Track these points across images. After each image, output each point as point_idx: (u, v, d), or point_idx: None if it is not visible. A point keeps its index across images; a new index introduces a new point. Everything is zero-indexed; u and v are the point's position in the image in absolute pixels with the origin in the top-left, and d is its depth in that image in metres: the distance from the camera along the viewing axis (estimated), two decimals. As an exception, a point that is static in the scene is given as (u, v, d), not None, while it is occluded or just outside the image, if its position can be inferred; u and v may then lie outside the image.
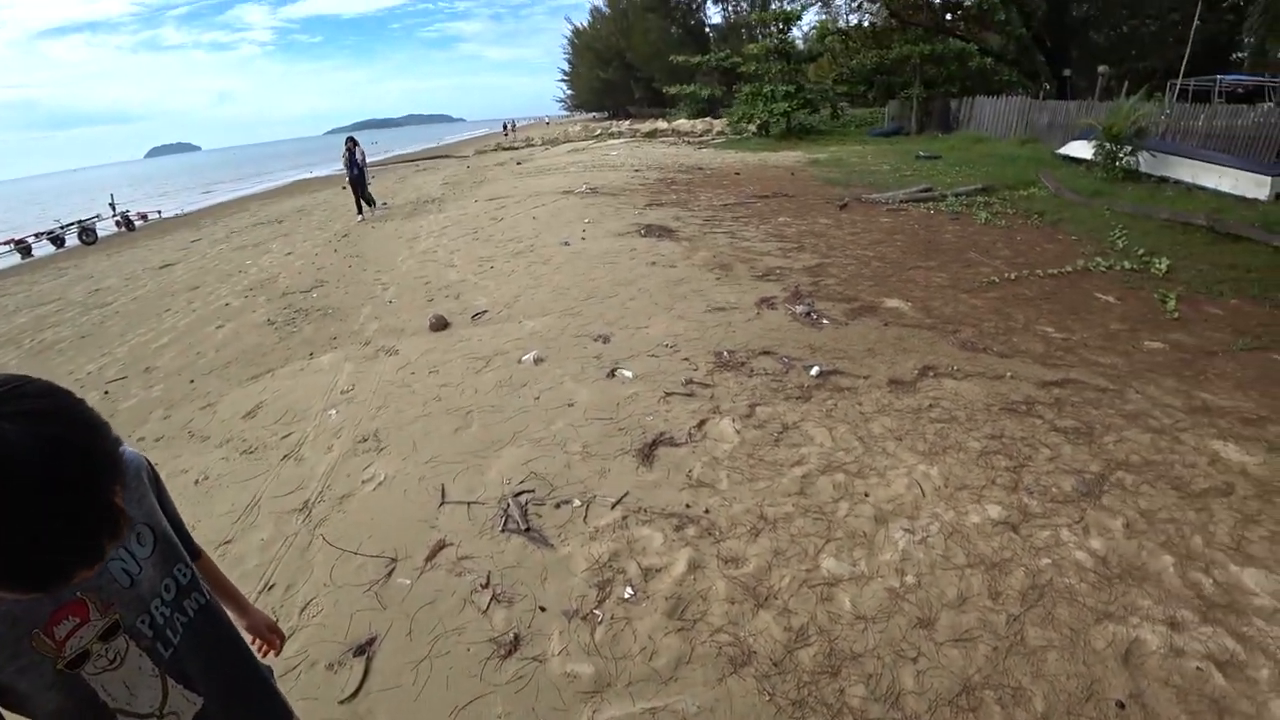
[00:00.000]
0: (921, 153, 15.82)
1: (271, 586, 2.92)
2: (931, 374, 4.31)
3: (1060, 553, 2.71)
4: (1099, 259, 6.67)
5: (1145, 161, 10.74)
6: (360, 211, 14.12)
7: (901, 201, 10.35)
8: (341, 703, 2.32)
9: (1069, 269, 6.46)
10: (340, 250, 10.76)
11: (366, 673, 2.43)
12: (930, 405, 3.91)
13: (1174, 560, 2.63)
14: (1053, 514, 2.94)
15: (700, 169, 16.41)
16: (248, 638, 1.39)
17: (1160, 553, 2.68)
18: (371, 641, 2.55)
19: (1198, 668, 2.19)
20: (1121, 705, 2.10)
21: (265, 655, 1.47)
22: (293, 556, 3.09)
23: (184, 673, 1.11)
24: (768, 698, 2.19)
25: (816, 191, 12.02)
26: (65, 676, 0.95)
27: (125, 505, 0.85)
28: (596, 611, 2.56)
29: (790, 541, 2.85)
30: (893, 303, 5.78)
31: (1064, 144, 13.48)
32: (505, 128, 55.46)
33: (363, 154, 13.83)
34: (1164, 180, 10.37)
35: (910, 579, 2.63)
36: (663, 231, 9.07)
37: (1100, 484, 3.12)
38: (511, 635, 2.49)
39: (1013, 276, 6.29)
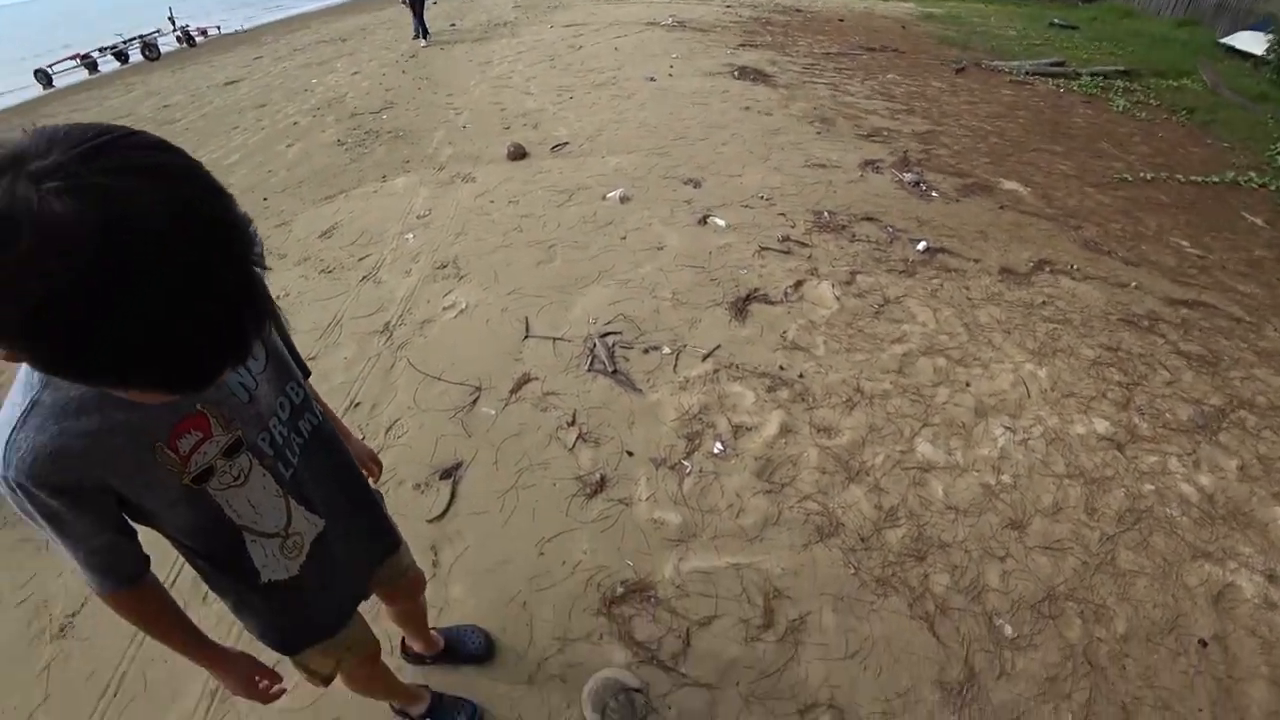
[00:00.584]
0: (1056, 20, 13.97)
1: (357, 404, 2.95)
2: (1048, 269, 3.99)
3: (1165, 481, 2.58)
4: (1253, 174, 5.93)
5: (1327, 65, 9.25)
6: (417, 35, 12.81)
7: (1028, 74, 9.28)
8: (429, 522, 2.38)
9: (1215, 179, 5.78)
10: (409, 72, 10.18)
11: (453, 496, 2.48)
12: (1044, 302, 3.64)
13: (1288, 511, 2.48)
14: (1163, 440, 2.77)
15: (799, 11, 14.85)
16: None
17: (1273, 503, 2.52)
18: (458, 467, 2.58)
19: (1291, 622, 2.10)
20: (1204, 644, 2.05)
21: None
22: (376, 377, 3.11)
23: (304, 494, 1.09)
24: (852, 571, 2.19)
25: (930, 50, 10.83)
26: (191, 491, 0.92)
27: None
28: (685, 462, 2.54)
29: (886, 420, 2.75)
30: (1010, 184, 5.29)
31: (1231, 32, 11.73)
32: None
33: None
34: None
35: (1006, 478, 2.55)
36: (758, 75, 8.34)
37: (1220, 419, 2.91)
38: (598, 476, 2.50)
39: (1148, 177, 5.67)
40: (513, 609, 2.10)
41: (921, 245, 4.10)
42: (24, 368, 0.78)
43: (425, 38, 12.74)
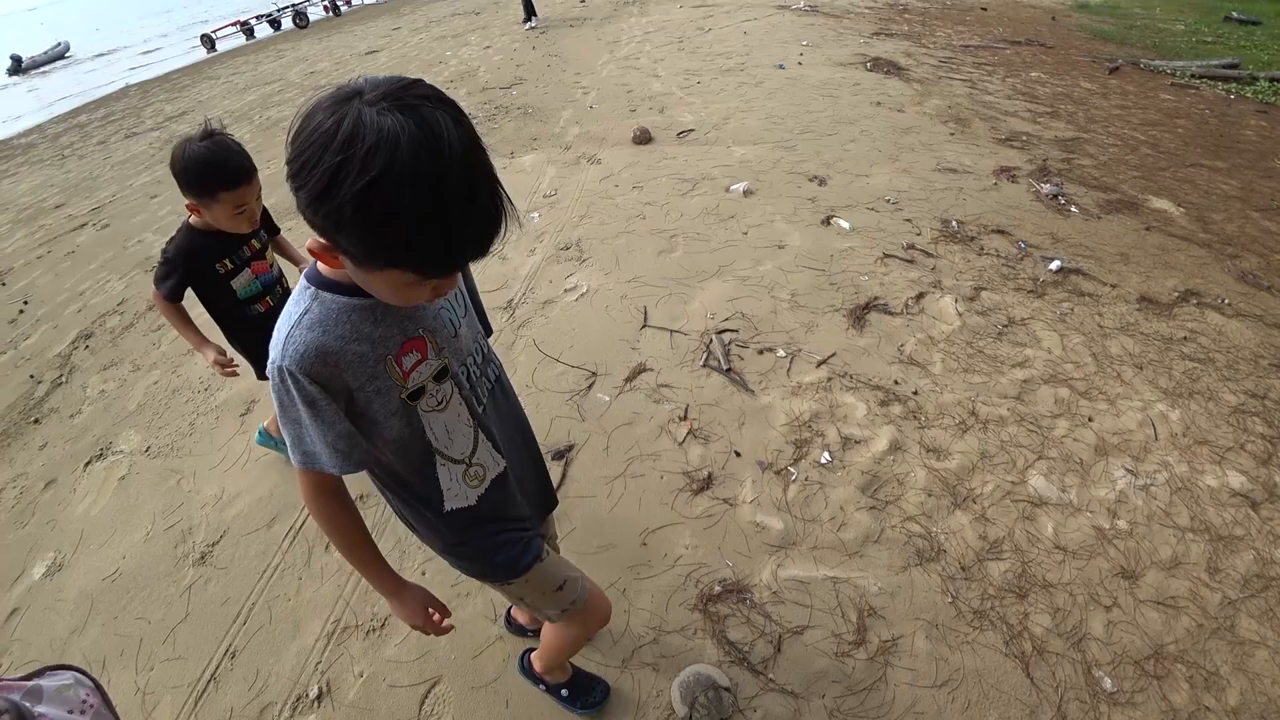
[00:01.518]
0: (1235, 13, 12.61)
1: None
2: (1194, 301, 3.74)
3: (1303, 547, 2.42)
4: None
5: None
6: (528, 18, 12.31)
7: (1193, 76, 8.51)
8: None
9: None
10: (539, 48, 10.44)
11: (564, 477, 2.62)
12: (1185, 338, 3.43)
13: None
14: (1307, 501, 2.60)
15: (943, -7, 14.10)
16: None
17: None
18: (570, 449, 2.73)
19: None
20: None
21: None
22: (499, 352, 3.29)
23: (489, 431, 1.26)
24: (950, 599, 2.20)
25: (1082, 46, 10.08)
26: (406, 406, 1.10)
27: None
28: (791, 469, 2.61)
29: (999, 447, 2.72)
30: (1160, 203, 4.94)
31: None
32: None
33: None
34: None
35: (1123, 524, 2.47)
36: (891, 68, 8.05)
37: (1376, 481, 2.69)
38: (705, 473, 2.60)
39: (1326, 203, 5.16)
40: (612, 594, 2.20)
41: (1054, 264, 3.93)
42: (300, 284, 1.03)
43: (533, 19, 12.45)
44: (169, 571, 2.40)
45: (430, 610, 1.34)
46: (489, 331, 1.38)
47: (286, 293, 2.21)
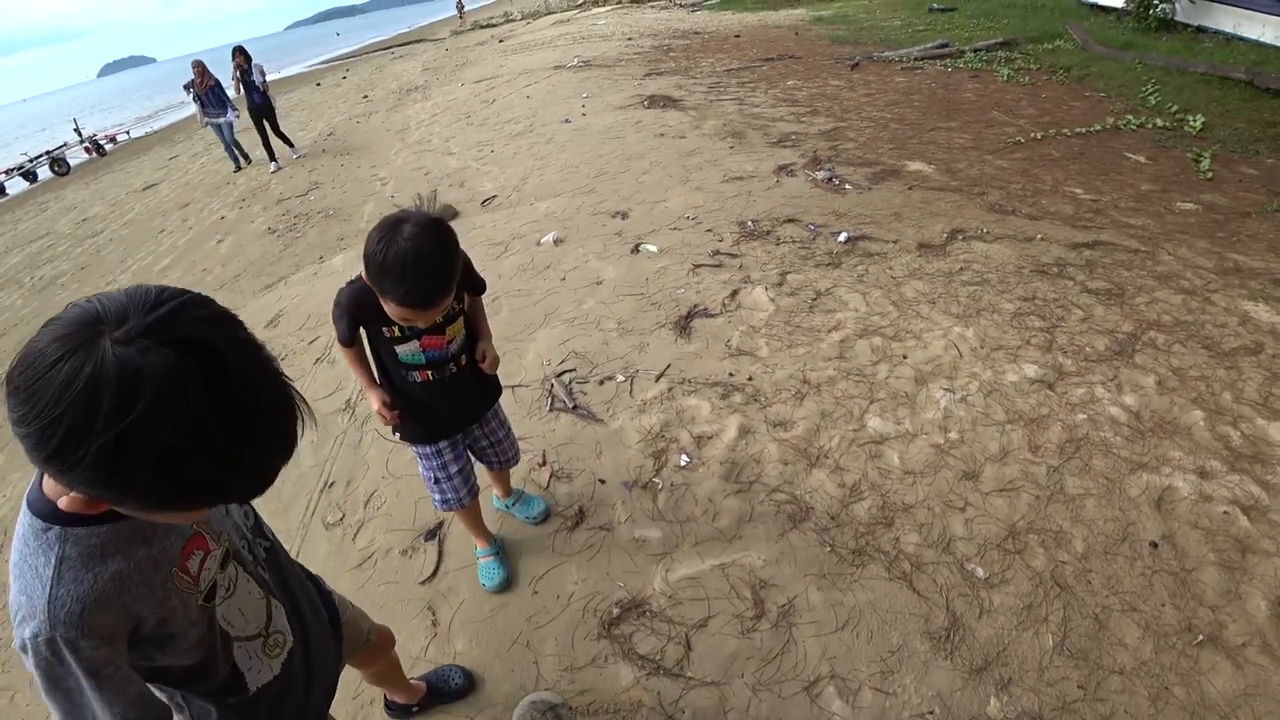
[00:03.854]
0: (935, 4, 14.80)
1: (332, 484, 3.00)
2: (960, 237, 4.26)
3: (1095, 409, 2.78)
4: (1129, 117, 6.41)
5: (1182, 9, 9.91)
6: (273, 157, 9.87)
7: (916, 59, 9.83)
8: (422, 583, 2.44)
9: (1097, 128, 6.23)
10: (329, 150, 10.33)
11: (440, 555, 2.54)
12: (961, 269, 3.89)
13: (1204, 415, 2.70)
14: (1087, 372, 2.99)
15: (697, 33, 15.45)
16: None
17: (1191, 408, 2.75)
18: (440, 526, 2.64)
19: (1225, 511, 2.30)
20: (1154, 545, 2.23)
21: None
22: (346, 454, 3.16)
23: (280, 594, 1.16)
24: (829, 549, 2.32)
25: (824, 51, 11.38)
26: (205, 610, 0.97)
27: None
28: (655, 480, 2.66)
29: (835, 404, 2.92)
30: (915, 165, 5.62)
31: (1088, -10, 12.61)
32: (459, 6, 43.10)
33: (262, 73, 9.59)
34: (1202, 30, 9.67)
35: (954, 435, 2.72)
36: (667, 101, 8.67)
37: (1132, 343, 3.15)
38: (576, 508, 2.59)
39: (1038, 136, 6.08)
40: (517, 650, 2.16)
41: (842, 236, 4.34)
42: (20, 532, 0.83)
43: (292, 148, 10.38)
44: None
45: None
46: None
47: (456, 372, 1.94)
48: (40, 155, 17.63)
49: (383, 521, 2.73)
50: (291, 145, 10.40)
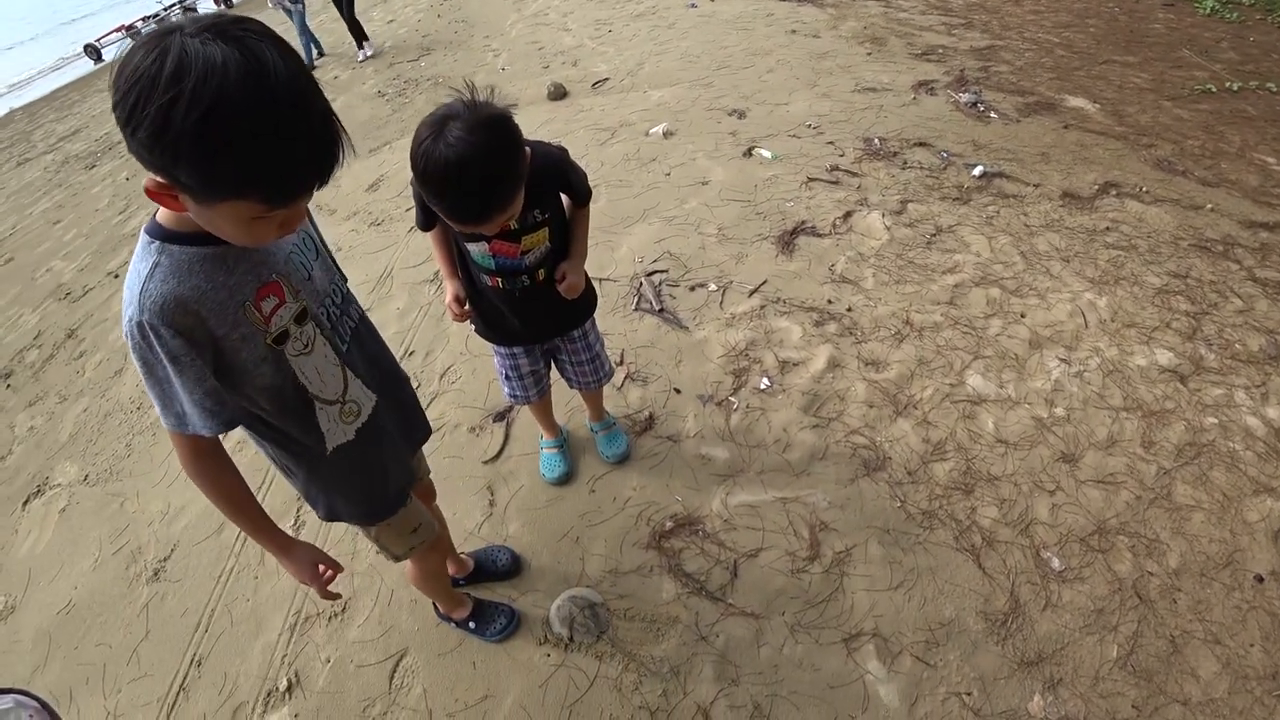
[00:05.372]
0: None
1: (411, 352, 3.04)
2: (1114, 192, 3.78)
3: (1230, 415, 2.48)
4: (1357, 77, 5.44)
5: None
6: (361, 45, 8.65)
7: (1102, -23, 8.56)
8: (485, 463, 2.48)
9: (1312, 85, 5.32)
10: (444, 16, 10.00)
11: (506, 439, 2.55)
12: (1107, 228, 3.47)
13: (1362, 446, 2.37)
14: (1230, 372, 2.65)
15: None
16: None
17: (1346, 434, 2.41)
18: (510, 409, 2.65)
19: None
20: (1260, 579, 2.00)
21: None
22: (429, 325, 3.18)
23: (357, 370, 1.28)
24: (898, 504, 2.20)
25: (994, -44, 10.06)
26: (273, 351, 1.10)
27: None
28: (731, 399, 2.57)
29: (936, 352, 2.71)
30: (1077, 101, 4.98)
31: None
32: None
33: None
34: None
35: (1060, 411, 2.50)
36: (807, -7, 7.91)
37: (1294, 347, 2.77)
38: (646, 414, 2.54)
39: (1235, 88, 5.24)
40: (566, 544, 2.19)
41: (978, 170, 3.92)
42: (142, 240, 1.00)
43: (363, 44, 8.76)
44: (123, 594, 2.31)
45: (321, 567, 1.31)
46: (344, 279, 1.35)
47: (530, 285, 1.73)
48: (173, 4, 17.70)
49: (455, 397, 2.76)
50: (362, 42, 8.72)
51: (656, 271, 3.25)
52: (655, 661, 1.88)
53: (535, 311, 1.83)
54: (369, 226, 4.20)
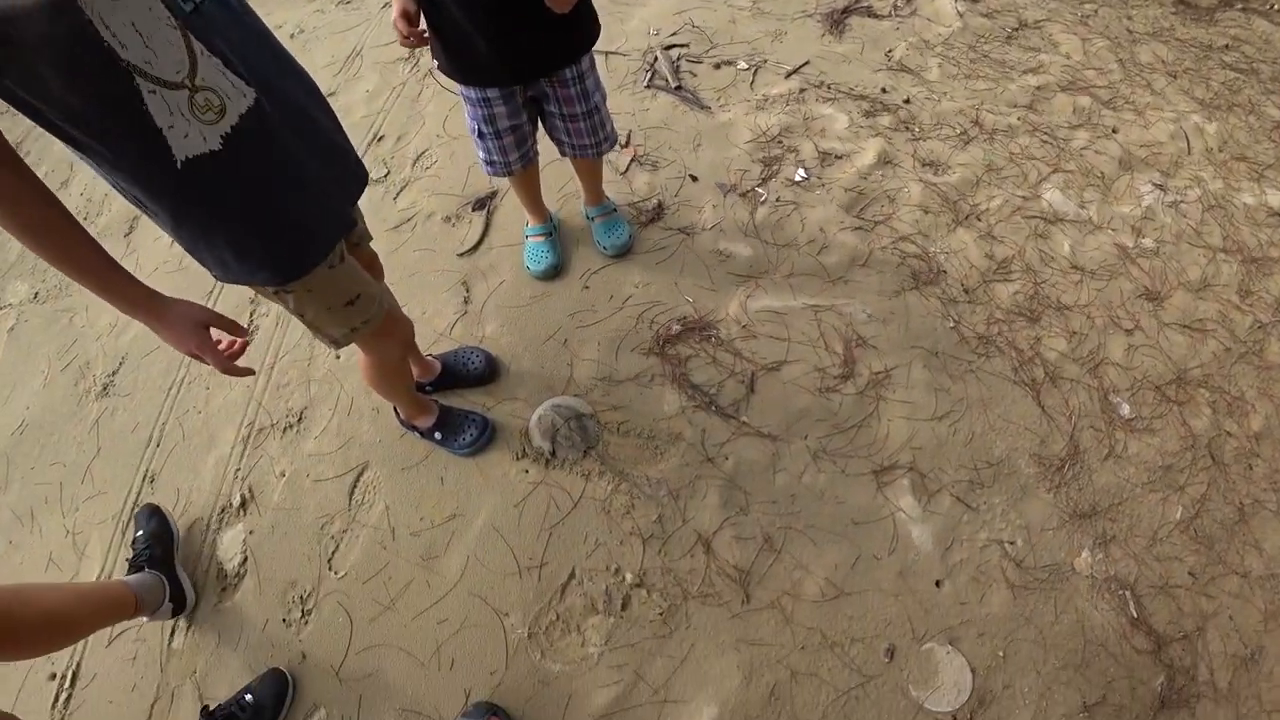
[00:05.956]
0: None
1: (381, 138, 2.51)
2: (1239, 5, 3.14)
3: (1344, 273, 2.09)
4: None
5: None
6: None
7: None
8: (460, 255, 2.07)
9: None
10: None
11: (487, 228, 2.13)
12: (1227, 46, 2.88)
13: None
14: (1350, 218, 2.22)
15: None
16: None
17: None
18: (491, 197, 2.20)
19: None
20: None
21: None
22: (402, 106, 2.62)
23: (214, 44, 0.84)
24: (951, 324, 1.83)
25: None
26: None
27: None
28: (759, 190, 2.10)
29: (1009, 160, 2.24)
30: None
31: None
32: None
33: None
34: None
35: (1148, 242, 2.09)
36: None
37: None
38: (655, 202, 2.11)
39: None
40: (552, 347, 1.83)
41: (1075, -37, 3.22)
42: None
43: None
44: (74, 411, 2.09)
45: (215, 334, 0.98)
46: None
47: None
48: None
49: (429, 183, 2.29)
50: None
51: (675, 45, 2.65)
52: (651, 483, 1.60)
53: (509, 27, 1.30)
54: (336, 5, 3.48)
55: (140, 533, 1.59)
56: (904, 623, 1.43)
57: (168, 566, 1.54)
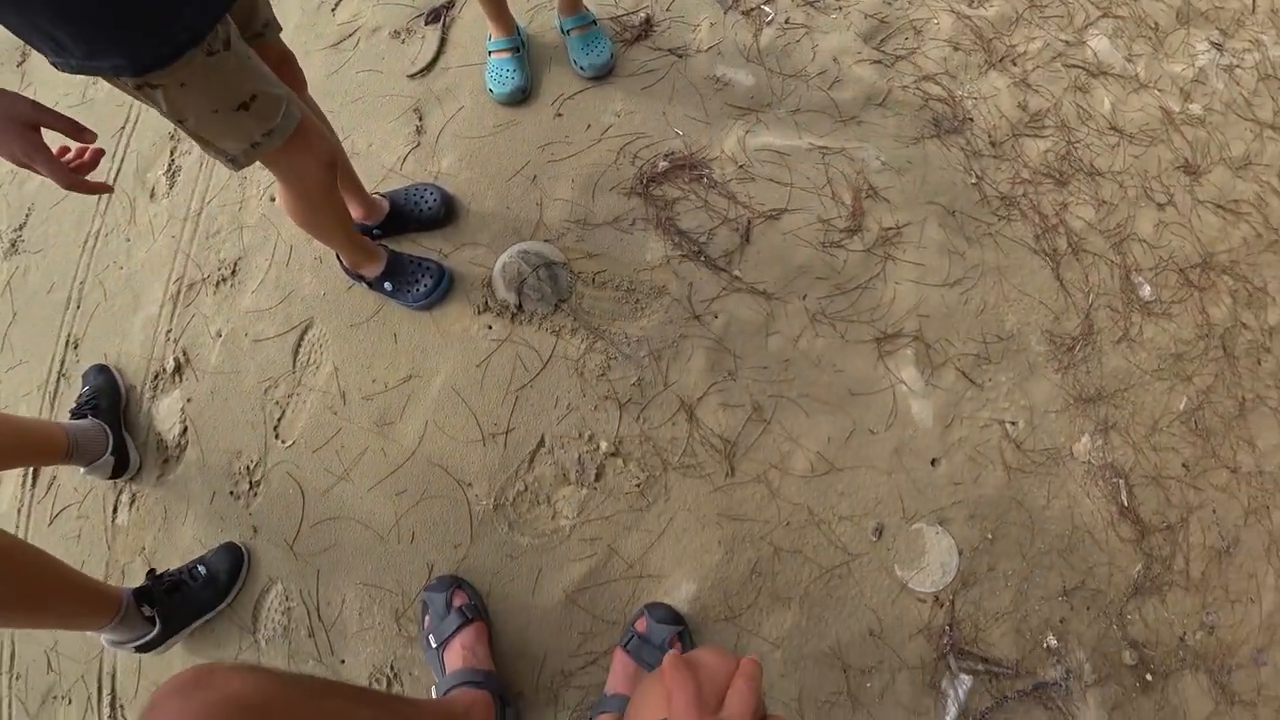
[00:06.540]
0: None
1: None
2: None
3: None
4: None
5: None
6: None
7: None
8: (411, 77, 1.83)
9: None
10: None
11: (443, 44, 1.86)
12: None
13: None
14: None
15: None
16: None
17: None
18: (449, 7, 1.92)
19: None
20: None
21: None
22: None
23: None
24: (973, 180, 1.65)
25: None
26: None
27: None
28: (766, 8, 1.85)
29: (1054, -1, 1.95)
30: None
31: None
32: None
33: None
34: None
35: (1195, 109, 1.90)
36: None
37: None
38: (641, 15, 1.85)
39: None
40: (518, 184, 1.63)
41: None
42: None
43: None
44: None
45: (39, 131, 0.80)
46: None
47: None
48: None
49: None
50: None
51: None
52: (630, 342, 1.47)
53: None
54: None
55: (86, 388, 1.46)
56: (895, 501, 1.34)
57: (113, 419, 1.42)
